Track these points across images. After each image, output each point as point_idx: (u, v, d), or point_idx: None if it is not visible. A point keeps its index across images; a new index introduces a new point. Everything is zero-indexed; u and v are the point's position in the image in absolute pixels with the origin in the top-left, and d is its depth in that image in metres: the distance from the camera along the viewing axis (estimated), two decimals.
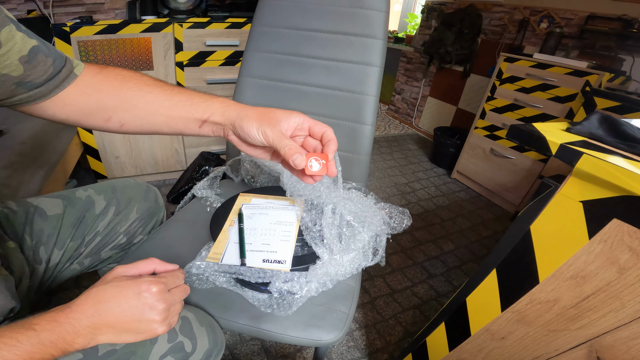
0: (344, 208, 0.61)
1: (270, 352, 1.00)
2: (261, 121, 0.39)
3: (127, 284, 0.36)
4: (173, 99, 0.42)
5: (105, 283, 0.37)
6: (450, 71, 2.51)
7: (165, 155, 1.72)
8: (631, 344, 0.41)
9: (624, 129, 0.45)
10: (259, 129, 0.39)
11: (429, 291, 1.28)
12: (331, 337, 0.53)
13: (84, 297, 0.35)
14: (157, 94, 0.42)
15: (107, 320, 0.34)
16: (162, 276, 0.39)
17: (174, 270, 0.42)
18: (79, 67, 0.41)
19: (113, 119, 0.42)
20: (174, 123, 0.43)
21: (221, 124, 0.42)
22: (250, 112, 0.40)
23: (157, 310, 0.36)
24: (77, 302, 0.34)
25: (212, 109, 0.42)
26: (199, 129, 0.43)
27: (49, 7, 1.53)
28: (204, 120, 0.42)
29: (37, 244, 0.53)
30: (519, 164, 1.74)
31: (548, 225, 0.47)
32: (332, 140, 0.40)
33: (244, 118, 0.40)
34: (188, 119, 0.43)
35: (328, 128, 0.41)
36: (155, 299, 0.36)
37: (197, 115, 0.42)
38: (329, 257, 0.55)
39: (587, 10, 1.67)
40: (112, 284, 0.36)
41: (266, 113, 0.40)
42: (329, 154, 0.39)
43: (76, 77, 0.40)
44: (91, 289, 0.36)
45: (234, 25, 1.56)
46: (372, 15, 0.74)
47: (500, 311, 0.55)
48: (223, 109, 0.42)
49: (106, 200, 0.62)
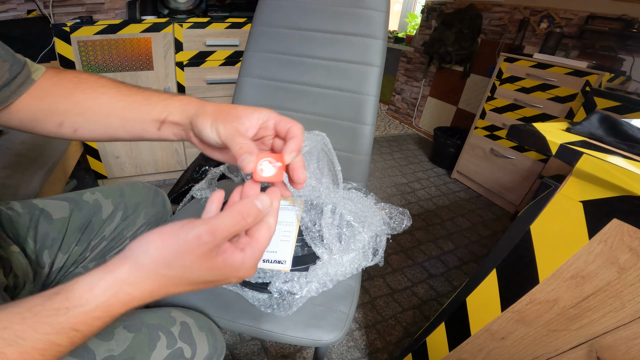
0: (344, 208, 0.61)
1: (270, 352, 1.00)
2: (217, 117, 0.34)
3: (209, 273, 0.27)
4: (129, 99, 0.38)
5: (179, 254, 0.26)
6: (450, 71, 2.51)
7: (165, 155, 1.72)
8: (631, 344, 0.41)
9: (624, 129, 0.45)
10: (212, 125, 0.33)
11: (429, 291, 1.28)
12: (331, 337, 0.53)
13: (145, 278, 0.26)
14: (111, 95, 0.39)
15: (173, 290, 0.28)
16: (241, 239, 0.30)
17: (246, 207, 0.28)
18: (38, 72, 0.39)
19: (65, 124, 0.39)
20: (130, 126, 0.39)
21: (180, 124, 0.37)
22: (209, 108, 0.35)
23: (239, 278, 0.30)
24: (136, 285, 0.26)
25: (170, 108, 0.37)
26: (158, 132, 0.38)
27: (49, 7, 1.53)
28: (162, 120, 0.37)
29: (41, 247, 0.52)
30: (519, 164, 1.74)
31: (548, 225, 0.47)
32: (295, 138, 0.32)
33: (200, 115, 0.35)
34: (145, 120, 0.38)
35: (295, 124, 0.34)
36: (243, 276, 0.30)
37: (154, 115, 0.37)
38: (328, 257, 0.55)
39: (587, 10, 1.67)
40: (186, 267, 0.26)
41: (226, 109, 0.34)
42: (286, 155, 0.31)
43: (34, 82, 0.38)
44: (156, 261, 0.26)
45: (234, 25, 1.56)
46: (372, 15, 0.74)
47: (500, 311, 0.55)
48: (182, 107, 0.37)
49: (114, 205, 0.61)
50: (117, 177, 1.67)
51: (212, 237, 0.26)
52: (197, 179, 1.47)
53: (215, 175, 0.83)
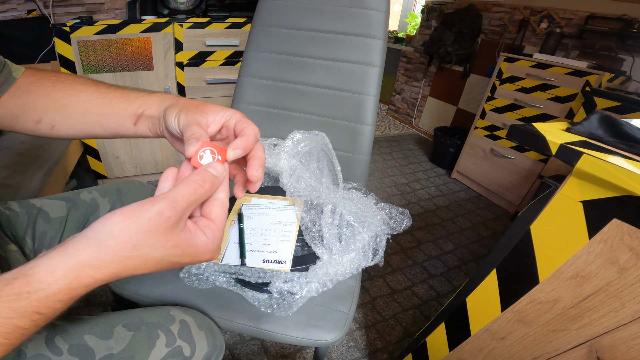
0: (344, 208, 0.61)
1: (270, 352, 1.00)
2: (183, 108, 0.34)
3: (163, 256, 0.27)
4: (107, 96, 0.39)
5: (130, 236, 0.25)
6: (450, 71, 2.51)
7: (165, 155, 1.72)
8: (631, 344, 0.41)
9: (624, 129, 0.45)
10: (177, 115, 0.33)
11: (429, 291, 1.28)
12: (331, 337, 0.53)
13: (107, 260, 0.25)
14: (89, 92, 0.39)
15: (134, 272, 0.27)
16: (200, 220, 0.29)
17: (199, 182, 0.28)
18: (18, 71, 0.40)
19: (43, 121, 0.40)
20: (106, 122, 0.39)
21: (156, 117, 0.37)
22: (182, 102, 0.36)
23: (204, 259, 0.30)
24: (100, 268, 0.25)
25: (147, 103, 0.38)
26: (135, 127, 0.39)
27: (49, 7, 1.53)
28: (139, 115, 0.38)
29: (39, 246, 0.52)
30: (519, 164, 1.74)
31: (548, 225, 0.47)
32: (245, 137, 0.31)
33: (171, 106, 0.35)
34: (122, 115, 0.38)
35: (251, 124, 0.33)
36: (208, 259, 0.30)
37: (132, 110, 0.38)
38: (328, 257, 0.55)
39: (587, 10, 1.67)
40: (139, 251, 0.26)
41: (196, 104, 0.35)
42: (230, 150, 0.30)
43: (15, 81, 0.39)
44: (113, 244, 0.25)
45: (234, 25, 1.56)
46: (372, 15, 0.74)
47: (500, 311, 0.55)
48: (160, 101, 0.38)
49: (111, 204, 0.62)
50: (117, 177, 1.67)
51: (174, 210, 0.26)
52: None
53: None
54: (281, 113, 0.84)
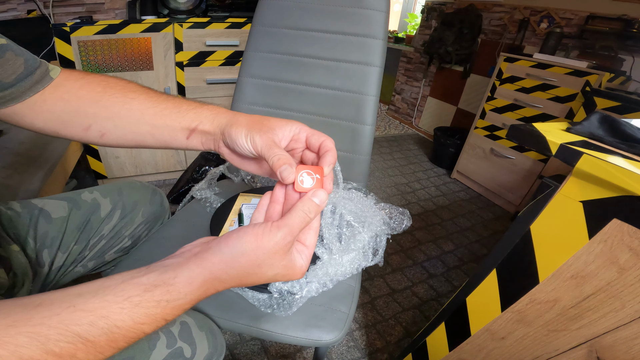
0: (344, 208, 0.61)
1: (270, 352, 1.00)
2: (251, 128, 0.34)
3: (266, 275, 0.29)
4: (159, 106, 0.38)
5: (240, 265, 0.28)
6: (450, 71, 2.51)
7: (165, 155, 1.72)
8: (631, 344, 0.41)
9: (624, 129, 0.45)
10: (247, 135, 0.34)
11: (429, 291, 1.28)
12: (331, 337, 0.53)
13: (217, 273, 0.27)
14: (141, 100, 0.38)
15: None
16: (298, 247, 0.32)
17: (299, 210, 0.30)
18: (55, 71, 0.39)
19: (93, 128, 0.39)
20: (159, 133, 0.38)
21: (211, 133, 0.37)
22: (242, 119, 0.36)
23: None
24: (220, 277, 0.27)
25: (201, 117, 0.37)
26: (187, 141, 0.38)
27: (49, 7, 1.53)
28: (192, 129, 0.38)
29: (40, 247, 0.52)
30: (519, 164, 1.74)
31: (548, 225, 0.47)
32: (330, 152, 0.34)
33: (233, 124, 0.35)
34: (174, 128, 0.38)
35: (327, 138, 0.35)
36: (297, 278, 0.32)
37: (185, 123, 0.37)
38: (328, 257, 0.55)
39: (587, 10, 1.67)
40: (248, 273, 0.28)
41: (259, 120, 0.35)
42: (325, 167, 0.33)
43: (52, 80, 0.38)
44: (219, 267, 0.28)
45: (234, 25, 1.56)
46: (372, 15, 0.74)
47: (500, 311, 0.55)
48: (213, 116, 0.37)
49: (112, 204, 0.62)
50: (117, 177, 1.67)
51: (292, 236, 0.28)
52: (197, 179, 1.47)
53: (215, 176, 0.83)
54: (281, 113, 0.84)
